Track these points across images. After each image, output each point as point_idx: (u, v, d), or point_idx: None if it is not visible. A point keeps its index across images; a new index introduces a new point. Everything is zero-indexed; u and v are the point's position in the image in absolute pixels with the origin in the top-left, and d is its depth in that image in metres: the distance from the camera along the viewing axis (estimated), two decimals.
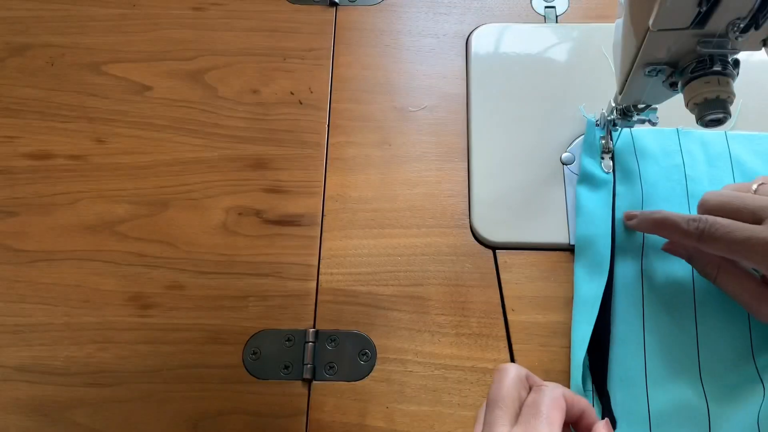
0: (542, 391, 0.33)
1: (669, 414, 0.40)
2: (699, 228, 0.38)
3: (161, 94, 0.54)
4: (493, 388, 0.33)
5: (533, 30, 0.56)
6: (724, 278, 0.40)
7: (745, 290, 0.39)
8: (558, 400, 0.33)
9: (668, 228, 0.41)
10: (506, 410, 0.32)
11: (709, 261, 0.41)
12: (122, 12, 0.59)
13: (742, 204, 0.38)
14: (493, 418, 0.32)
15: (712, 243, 0.38)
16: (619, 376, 0.41)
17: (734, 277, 0.40)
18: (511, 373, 0.33)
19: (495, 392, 0.33)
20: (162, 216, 0.49)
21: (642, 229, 0.44)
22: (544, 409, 0.32)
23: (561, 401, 0.33)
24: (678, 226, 0.40)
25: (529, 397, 0.33)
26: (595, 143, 0.49)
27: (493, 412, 0.32)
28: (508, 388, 0.33)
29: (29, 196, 0.50)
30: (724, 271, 0.40)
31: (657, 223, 0.42)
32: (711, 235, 0.38)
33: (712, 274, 0.41)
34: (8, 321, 0.46)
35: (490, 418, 0.32)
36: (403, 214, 0.49)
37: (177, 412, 0.43)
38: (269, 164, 0.51)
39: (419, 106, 0.53)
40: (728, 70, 0.34)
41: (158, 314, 0.46)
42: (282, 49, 0.56)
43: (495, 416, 0.32)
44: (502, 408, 0.32)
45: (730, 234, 0.37)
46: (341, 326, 0.45)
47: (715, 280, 0.41)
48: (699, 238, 0.38)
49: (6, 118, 0.54)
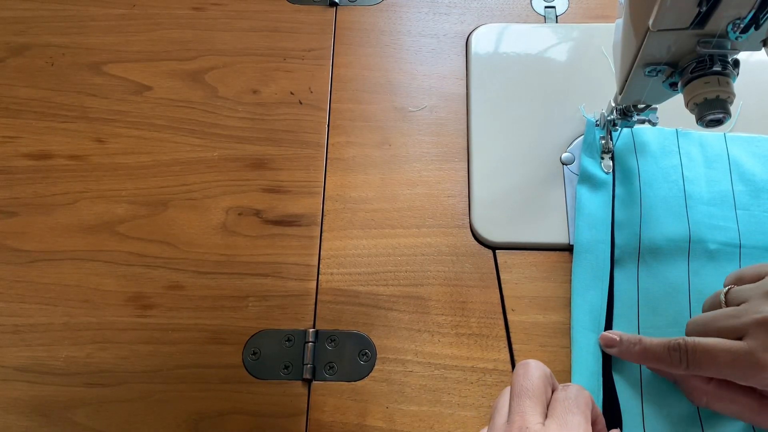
0: (571, 389, 0.32)
1: (663, 422, 0.40)
2: (682, 359, 0.37)
3: (161, 94, 0.54)
4: (520, 379, 0.32)
5: (533, 30, 0.56)
6: (717, 404, 0.38)
7: (744, 409, 0.37)
8: (588, 398, 0.32)
9: (651, 360, 0.39)
10: (536, 400, 0.31)
11: (695, 388, 0.38)
12: (122, 12, 0.59)
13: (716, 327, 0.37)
14: (524, 408, 0.31)
15: (701, 370, 0.36)
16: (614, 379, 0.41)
17: (727, 400, 0.37)
18: (538, 367, 0.33)
19: (523, 382, 0.32)
20: (162, 216, 0.49)
21: (626, 359, 0.41)
22: (576, 402, 0.31)
23: (590, 399, 0.32)
24: (661, 358, 0.38)
25: (559, 393, 0.32)
26: (595, 143, 0.49)
27: (523, 401, 0.31)
28: (538, 379, 0.32)
29: (29, 196, 0.50)
30: (714, 398, 0.37)
31: (640, 355, 0.39)
32: (696, 363, 0.36)
33: (702, 402, 0.38)
34: (8, 321, 0.46)
35: (519, 407, 0.31)
36: (403, 214, 0.49)
37: (177, 412, 0.43)
38: (269, 164, 0.51)
39: (419, 106, 0.53)
40: (728, 70, 0.34)
41: (158, 314, 0.46)
42: (282, 49, 0.56)
43: (525, 405, 0.31)
44: (532, 398, 0.31)
45: (715, 361, 0.35)
46: (341, 326, 0.45)
47: (707, 405, 0.38)
48: (686, 368, 0.37)
49: (6, 118, 0.54)
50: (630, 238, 0.45)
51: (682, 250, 0.44)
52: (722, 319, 0.37)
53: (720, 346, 0.36)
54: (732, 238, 0.45)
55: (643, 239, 0.45)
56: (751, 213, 0.46)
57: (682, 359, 0.37)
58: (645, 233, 0.45)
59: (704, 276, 0.44)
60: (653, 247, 0.45)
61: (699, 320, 0.39)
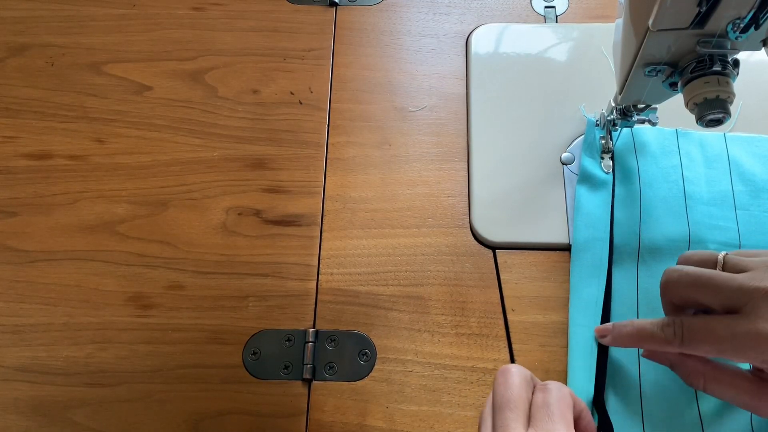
0: (550, 390, 0.32)
1: (662, 419, 0.40)
2: (676, 334, 0.35)
3: (161, 94, 0.54)
4: (500, 390, 0.32)
5: (533, 30, 0.56)
6: (714, 387, 0.36)
7: (741, 392, 0.35)
8: (567, 399, 0.32)
9: (645, 340, 0.37)
10: (518, 412, 0.31)
11: (693, 371, 0.37)
12: (122, 12, 0.59)
13: (714, 285, 0.34)
14: (506, 421, 0.31)
15: (696, 347, 0.34)
16: (612, 381, 0.41)
17: (725, 383, 0.36)
18: (517, 374, 0.33)
19: (503, 394, 0.32)
20: (162, 216, 0.49)
21: (620, 344, 0.39)
22: (556, 409, 0.31)
23: (570, 400, 0.32)
24: (654, 336, 0.36)
25: (538, 397, 0.32)
26: (595, 143, 0.49)
27: (505, 414, 0.31)
28: (517, 388, 0.32)
29: (29, 196, 0.50)
30: (712, 380, 0.36)
31: (632, 336, 0.38)
32: (692, 340, 0.34)
33: (699, 384, 0.36)
34: (8, 321, 0.46)
35: (501, 421, 0.31)
36: (403, 214, 0.49)
37: (177, 412, 0.43)
38: (269, 164, 0.51)
39: (419, 106, 0.53)
40: (728, 70, 0.34)
41: (158, 314, 0.46)
42: (282, 49, 0.56)
43: (507, 418, 0.31)
44: (513, 410, 0.31)
45: (712, 335, 0.33)
46: (341, 326, 0.45)
47: (704, 388, 0.36)
48: (680, 344, 0.35)
49: (6, 118, 0.54)
50: (629, 238, 0.45)
51: (682, 250, 0.44)
52: (722, 279, 0.34)
53: (717, 320, 0.34)
54: (732, 238, 0.45)
55: (642, 239, 0.45)
56: (751, 213, 0.46)
57: (676, 334, 0.35)
58: (645, 233, 0.45)
59: None
60: (653, 247, 0.45)
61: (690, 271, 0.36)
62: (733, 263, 0.35)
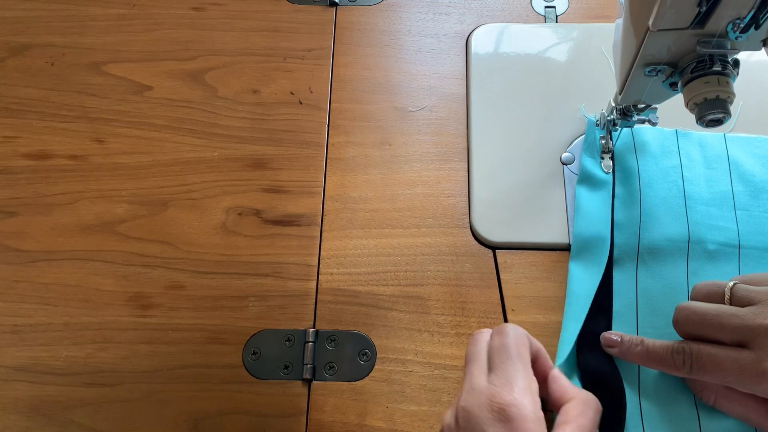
0: (507, 332, 0.35)
1: (660, 416, 0.40)
2: (685, 363, 0.36)
3: (161, 94, 0.54)
4: (468, 349, 0.37)
5: (533, 30, 0.56)
6: (725, 404, 0.37)
7: (750, 411, 0.36)
8: (523, 339, 0.35)
9: (654, 363, 0.38)
10: (480, 362, 0.35)
11: (705, 387, 0.38)
12: (122, 12, 0.59)
13: (719, 324, 0.35)
14: (470, 372, 0.35)
15: (704, 376, 0.36)
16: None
17: (736, 401, 0.37)
18: (482, 333, 0.37)
19: (469, 351, 0.37)
20: (162, 216, 0.49)
21: (628, 360, 0.40)
22: (513, 350, 0.34)
23: (526, 340, 0.35)
24: (663, 361, 0.37)
25: (495, 340, 0.35)
26: (595, 143, 0.49)
27: (470, 368, 0.35)
28: (483, 343, 0.37)
29: (29, 196, 0.50)
30: (723, 397, 0.37)
31: (642, 357, 0.39)
32: (701, 369, 0.36)
33: (710, 399, 0.38)
34: (8, 321, 0.46)
35: (468, 373, 0.35)
36: (403, 214, 0.49)
37: (177, 412, 0.43)
38: (269, 164, 0.51)
39: (419, 106, 0.53)
40: (728, 70, 0.34)
41: (158, 314, 0.46)
42: (282, 49, 0.56)
43: (471, 369, 0.35)
44: (475, 362, 0.36)
45: (720, 366, 0.35)
46: (341, 326, 0.45)
47: (715, 404, 0.38)
48: (689, 372, 0.36)
49: (6, 118, 0.54)
50: (629, 238, 0.45)
51: (682, 250, 0.45)
52: (726, 317, 0.35)
53: (725, 353, 0.35)
54: (731, 238, 0.45)
55: (642, 239, 0.45)
56: (751, 213, 0.46)
57: (685, 363, 0.36)
58: (644, 233, 0.45)
59: (703, 276, 0.44)
60: (653, 248, 0.45)
61: (697, 310, 0.37)
62: (740, 295, 0.36)
